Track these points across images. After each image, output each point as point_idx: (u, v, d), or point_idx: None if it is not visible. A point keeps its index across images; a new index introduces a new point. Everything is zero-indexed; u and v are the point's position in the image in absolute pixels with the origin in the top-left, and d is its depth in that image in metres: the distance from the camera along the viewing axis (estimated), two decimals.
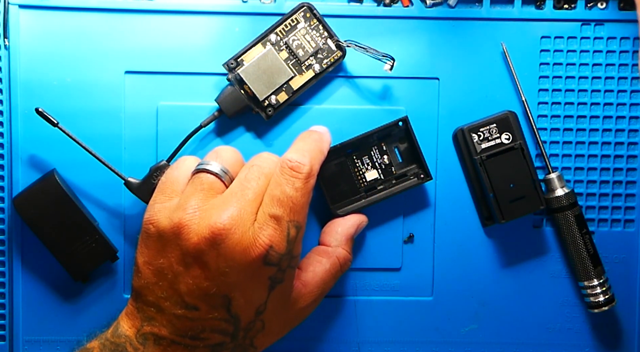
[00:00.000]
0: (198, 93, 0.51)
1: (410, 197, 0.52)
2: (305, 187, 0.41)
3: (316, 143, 0.44)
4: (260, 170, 0.41)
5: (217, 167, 0.42)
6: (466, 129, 0.50)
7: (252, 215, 0.40)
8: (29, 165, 0.50)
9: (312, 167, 0.42)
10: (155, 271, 0.40)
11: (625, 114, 0.52)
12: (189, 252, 0.39)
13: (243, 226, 0.39)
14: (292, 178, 0.41)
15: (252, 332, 0.41)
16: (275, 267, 0.40)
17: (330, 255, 0.46)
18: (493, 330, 0.53)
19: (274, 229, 0.40)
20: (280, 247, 0.40)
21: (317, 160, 0.43)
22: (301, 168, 0.41)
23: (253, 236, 0.39)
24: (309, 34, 0.50)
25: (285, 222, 0.40)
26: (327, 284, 0.45)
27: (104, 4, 0.50)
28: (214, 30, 0.51)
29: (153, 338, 0.40)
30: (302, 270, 0.45)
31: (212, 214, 0.39)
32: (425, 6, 0.51)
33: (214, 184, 0.41)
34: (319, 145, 0.44)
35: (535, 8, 0.52)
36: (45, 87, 0.50)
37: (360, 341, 0.52)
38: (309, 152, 0.42)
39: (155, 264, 0.40)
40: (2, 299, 0.51)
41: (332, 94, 0.51)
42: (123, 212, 0.51)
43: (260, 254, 0.39)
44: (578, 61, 0.52)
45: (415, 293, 0.52)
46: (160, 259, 0.40)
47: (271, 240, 0.39)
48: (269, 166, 0.42)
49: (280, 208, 0.40)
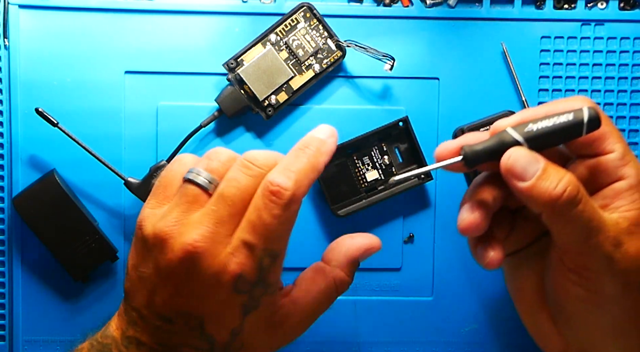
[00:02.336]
0: (198, 93, 0.51)
1: (410, 197, 0.52)
2: (284, 215, 0.37)
3: (309, 160, 0.38)
4: (238, 185, 0.38)
5: (203, 179, 0.39)
6: (466, 128, 0.50)
7: (225, 237, 0.38)
8: (29, 165, 0.50)
9: (295, 192, 0.37)
10: (138, 277, 0.40)
11: (625, 114, 0.52)
12: (164, 266, 0.38)
13: (214, 248, 0.37)
14: (271, 203, 0.37)
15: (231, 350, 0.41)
16: (246, 294, 0.38)
17: (327, 275, 0.42)
18: (493, 330, 0.53)
19: (246, 256, 0.37)
20: (251, 276, 0.37)
21: (306, 181, 0.38)
22: (282, 194, 0.37)
23: (224, 260, 0.37)
24: (309, 34, 0.50)
25: (260, 250, 0.37)
26: (320, 304, 0.42)
27: (104, 4, 0.50)
28: (214, 30, 0.51)
29: (136, 342, 0.39)
30: (296, 286, 0.42)
31: (187, 232, 0.37)
32: (425, 6, 0.51)
33: (198, 197, 0.39)
34: (312, 162, 0.38)
35: (535, 8, 0.52)
36: (45, 87, 0.50)
37: (360, 341, 0.52)
38: (296, 173, 0.37)
39: (139, 270, 0.39)
40: (2, 299, 0.51)
41: (332, 94, 0.51)
42: (123, 212, 0.51)
43: (228, 281, 0.37)
44: (578, 61, 0.52)
45: (415, 293, 0.52)
46: (143, 266, 0.39)
47: (242, 268, 0.37)
48: (246, 182, 0.38)
49: (255, 235, 0.37)
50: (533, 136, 0.36)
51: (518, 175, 0.36)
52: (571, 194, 0.36)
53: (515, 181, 0.36)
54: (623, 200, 0.37)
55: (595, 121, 0.36)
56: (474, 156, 0.37)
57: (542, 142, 0.37)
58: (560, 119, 0.36)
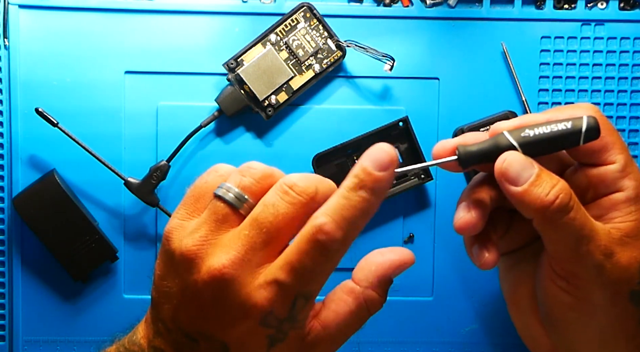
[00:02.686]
0: (198, 93, 0.51)
1: (410, 197, 0.52)
2: (330, 264, 0.35)
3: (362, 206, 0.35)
4: (275, 212, 0.36)
5: (233, 196, 0.37)
6: (466, 128, 0.50)
7: (256, 266, 0.36)
8: (29, 165, 0.50)
9: (345, 242, 0.35)
10: (165, 291, 0.38)
11: (625, 114, 0.52)
12: (188, 286, 0.37)
13: (244, 277, 0.35)
14: (316, 252, 0.34)
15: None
16: (273, 329, 0.36)
17: (357, 296, 0.39)
18: (493, 330, 0.53)
19: (277, 294, 0.35)
20: (281, 314, 0.35)
21: (357, 231, 0.35)
22: (331, 246, 0.34)
23: (252, 292, 0.35)
24: (309, 34, 0.50)
25: (294, 292, 0.35)
26: (350, 327, 0.39)
27: (104, 4, 0.50)
28: (214, 30, 0.51)
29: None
30: (325, 307, 0.40)
31: (215, 254, 0.36)
32: (425, 6, 0.51)
33: (228, 217, 0.37)
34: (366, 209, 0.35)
35: (535, 8, 0.52)
36: (45, 87, 0.50)
37: (360, 341, 0.52)
38: (348, 223, 0.34)
39: (164, 283, 0.38)
40: (2, 299, 0.51)
41: (332, 94, 0.51)
42: (123, 212, 0.51)
43: (257, 314, 0.35)
44: (578, 61, 0.52)
45: (415, 293, 0.52)
46: (169, 281, 0.38)
47: (272, 306, 0.35)
48: (285, 209, 0.36)
49: (292, 278, 0.35)
50: (528, 142, 0.36)
51: (511, 179, 0.36)
52: (563, 201, 0.35)
53: (508, 185, 0.36)
54: (619, 212, 0.37)
55: (593, 131, 0.35)
56: (468, 157, 0.37)
57: (538, 148, 0.36)
58: (558, 127, 0.36)
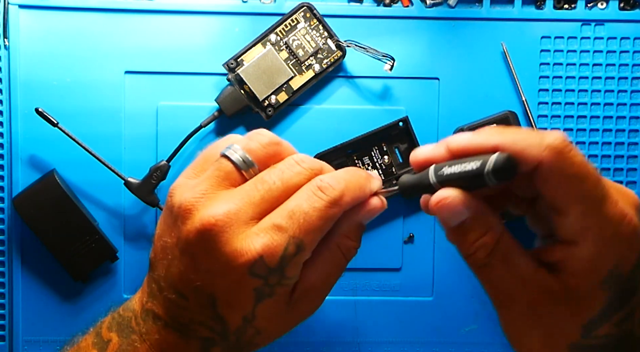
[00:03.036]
0: (198, 93, 0.51)
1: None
2: (325, 211, 0.36)
3: (359, 179, 0.38)
4: (281, 175, 0.37)
5: (238, 157, 0.38)
6: (466, 128, 0.50)
7: (251, 218, 0.37)
8: (29, 165, 0.50)
9: (342, 195, 0.37)
10: (162, 246, 0.39)
11: (625, 114, 0.52)
12: (183, 237, 0.38)
13: (237, 227, 0.36)
14: (315, 196, 0.36)
15: (245, 337, 0.40)
16: (261, 279, 0.37)
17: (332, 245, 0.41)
18: (493, 330, 0.53)
19: (272, 239, 0.36)
20: (272, 260, 0.36)
21: (352, 193, 0.37)
22: (328, 190, 0.37)
23: (245, 239, 0.36)
24: (309, 34, 0.50)
25: (288, 236, 0.36)
26: (330, 276, 0.41)
27: (104, 4, 0.50)
28: (214, 30, 0.51)
29: (152, 315, 0.39)
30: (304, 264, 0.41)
31: (212, 206, 0.37)
32: (425, 6, 0.51)
33: (230, 174, 0.38)
34: (361, 183, 0.38)
35: (535, 8, 0.52)
36: (45, 87, 0.50)
37: (360, 341, 0.52)
38: (345, 181, 0.37)
39: (162, 239, 0.39)
40: (2, 299, 0.51)
41: (332, 94, 0.51)
42: (123, 212, 0.51)
43: (246, 261, 0.36)
44: (578, 61, 0.52)
45: (415, 293, 0.52)
46: (167, 236, 0.39)
47: (264, 249, 0.36)
48: (291, 175, 0.38)
49: (288, 220, 0.36)
50: (445, 180, 0.35)
51: (443, 221, 0.36)
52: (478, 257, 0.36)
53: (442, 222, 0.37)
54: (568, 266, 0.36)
55: (502, 172, 0.32)
56: (406, 190, 0.37)
57: (461, 185, 0.34)
58: (470, 165, 0.33)
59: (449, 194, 0.35)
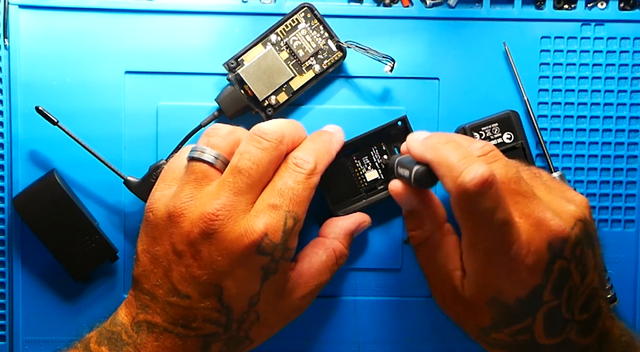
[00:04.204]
0: (198, 93, 0.51)
1: None
2: (307, 182, 0.41)
3: (324, 144, 0.44)
4: (252, 159, 0.41)
5: (208, 155, 0.41)
6: (468, 127, 0.50)
7: (246, 205, 0.40)
8: (29, 165, 0.50)
9: (316, 165, 0.42)
10: (151, 258, 0.41)
11: (625, 114, 0.52)
12: (181, 239, 0.39)
13: (236, 215, 0.39)
14: (295, 172, 0.41)
15: (246, 324, 0.41)
16: (268, 256, 0.40)
17: (327, 247, 0.46)
18: None
19: (271, 217, 0.40)
20: (276, 235, 0.40)
21: (323, 160, 0.43)
22: (304, 164, 0.41)
23: (247, 223, 0.39)
24: (310, 35, 0.50)
25: (284, 211, 0.40)
26: (322, 275, 0.45)
27: (104, 4, 0.50)
28: (214, 30, 0.51)
29: (147, 325, 0.40)
30: (298, 261, 0.45)
31: (205, 203, 0.39)
32: (425, 6, 0.51)
33: (206, 172, 0.41)
34: (327, 147, 0.44)
35: (535, 8, 0.52)
36: (45, 87, 0.50)
37: (360, 341, 0.52)
38: (315, 151, 0.43)
39: (151, 251, 0.41)
40: (2, 299, 0.51)
41: (332, 95, 0.51)
42: (123, 211, 0.51)
43: (253, 241, 0.39)
44: (578, 61, 0.52)
45: (415, 293, 0.52)
46: (156, 246, 0.41)
47: (267, 227, 0.39)
48: (260, 155, 0.41)
49: (280, 198, 0.40)
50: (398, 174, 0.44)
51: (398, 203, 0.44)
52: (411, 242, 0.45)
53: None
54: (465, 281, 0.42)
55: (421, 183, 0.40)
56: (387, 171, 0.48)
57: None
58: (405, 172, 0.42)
59: (394, 187, 0.43)
